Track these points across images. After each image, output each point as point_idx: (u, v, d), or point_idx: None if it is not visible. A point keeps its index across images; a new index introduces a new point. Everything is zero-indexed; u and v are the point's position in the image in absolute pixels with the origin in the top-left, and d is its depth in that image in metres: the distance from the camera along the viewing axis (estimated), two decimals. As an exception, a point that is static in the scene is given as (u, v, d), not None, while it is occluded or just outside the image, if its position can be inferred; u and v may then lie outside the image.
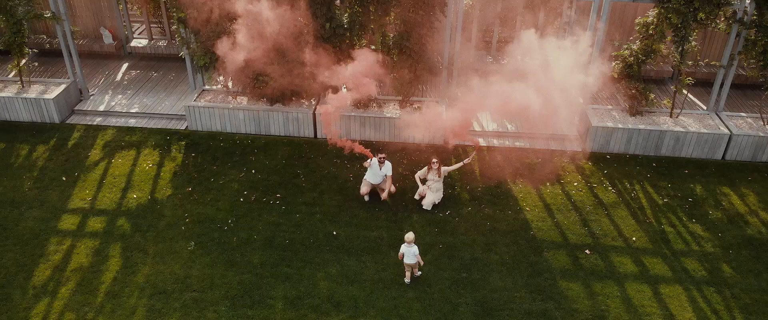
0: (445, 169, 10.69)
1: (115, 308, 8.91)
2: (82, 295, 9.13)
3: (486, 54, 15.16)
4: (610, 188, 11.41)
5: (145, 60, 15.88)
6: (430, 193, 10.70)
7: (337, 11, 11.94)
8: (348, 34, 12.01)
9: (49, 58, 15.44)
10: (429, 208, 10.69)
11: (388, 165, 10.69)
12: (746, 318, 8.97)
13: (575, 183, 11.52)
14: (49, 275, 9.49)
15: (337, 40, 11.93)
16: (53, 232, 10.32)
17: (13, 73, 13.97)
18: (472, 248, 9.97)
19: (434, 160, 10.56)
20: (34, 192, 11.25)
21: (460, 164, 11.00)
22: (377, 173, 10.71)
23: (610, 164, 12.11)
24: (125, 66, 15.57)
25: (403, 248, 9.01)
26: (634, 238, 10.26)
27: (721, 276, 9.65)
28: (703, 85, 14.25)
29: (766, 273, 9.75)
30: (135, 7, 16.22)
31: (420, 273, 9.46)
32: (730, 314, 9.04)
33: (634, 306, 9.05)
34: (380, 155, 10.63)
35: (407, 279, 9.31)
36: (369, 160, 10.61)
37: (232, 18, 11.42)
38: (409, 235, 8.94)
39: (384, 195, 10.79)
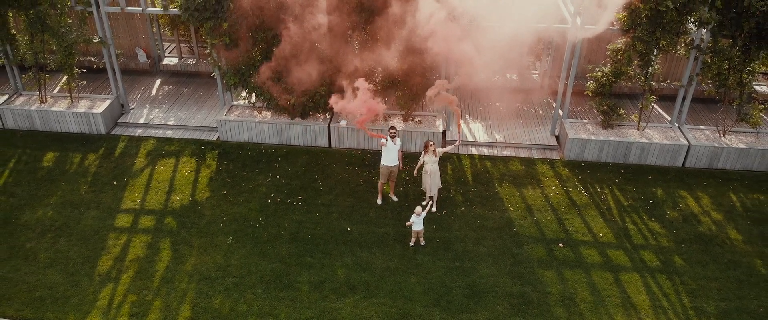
0: (440, 150, 12.21)
1: (170, 291, 10.79)
2: (140, 281, 11.01)
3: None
4: (582, 191, 13.31)
5: (176, 76, 17.79)
6: (428, 177, 12.16)
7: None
8: None
9: (89, 75, 17.29)
10: (433, 192, 12.34)
11: (398, 139, 12.24)
12: (692, 301, 10.83)
13: (553, 187, 13.41)
14: (111, 265, 11.37)
15: None
16: (111, 229, 12.20)
17: (58, 88, 15.91)
18: (464, 242, 11.86)
19: (431, 142, 12.04)
20: (90, 195, 13.13)
21: (451, 147, 12.62)
22: (392, 150, 12.15)
23: (584, 171, 14.01)
24: (158, 82, 17.48)
25: (413, 218, 11.34)
26: (600, 234, 12.15)
27: (672, 266, 11.52)
28: (672, 99, 16.10)
29: (712, 264, 11.60)
30: (166, 28, 18.11)
31: (424, 242, 11.65)
32: (678, 297, 10.90)
33: (598, 289, 10.93)
34: (391, 129, 12.11)
35: (412, 243, 11.63)
36: (384, 141, 12.04)
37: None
38: (418, 209, 11.29)
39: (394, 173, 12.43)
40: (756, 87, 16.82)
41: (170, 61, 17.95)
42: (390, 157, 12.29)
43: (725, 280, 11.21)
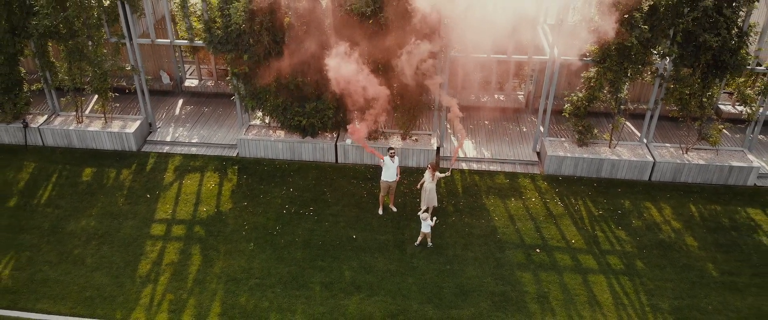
0: (437, 175, 13.96)
1: (202, 291, 12.59)
2: (176, 282, 12.81)
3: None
4: (559, 203, 15.12)
5: (196, 96, 19.59)
6: (425, 193, 13.88)
7: None
8: None
9: (117, 96, 19.03)
10: (426, 206, 14.04)
11: (396, 158, 14.06)
12: (649, 299, 12.59)
13: (533, 199, 15.24)
14: (150, 268, 13.16)
15: None
16: (147, 237, 13.99)
17: (90, 108, 17.76)
18: (454, 247, 13.68)
19: (430, 164, 13.83)
20: (127, 206, 14.94)
21: (445, 174, 14.36)
22: (391, 167, 13.97)
23: (561, 184, 15.83)
24: (180, 102, 19.29)
25: (422, 221, 13.10)
26: (573, 241, 13.96)
27: (634, 268, 13.30)
28: (642, 117, 17.85)
29: (669, 267, 13.39)
30: (187, 53, 19.92)
31: (431, 244, 13.42)
32: (637, 296, 12.68)
33: (568, 289, 12.73)
34: (390, 150, 13.92)
35: (429, 244, 13.43)
36: (382, 160, 13.95)
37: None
38: (425, 214, 13.09)
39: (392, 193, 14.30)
40: (721, 106, 18.64)
41: (191, 82, 19.76)
42: (389, 174, 14.11)
43: (680, 281, 12.99)
